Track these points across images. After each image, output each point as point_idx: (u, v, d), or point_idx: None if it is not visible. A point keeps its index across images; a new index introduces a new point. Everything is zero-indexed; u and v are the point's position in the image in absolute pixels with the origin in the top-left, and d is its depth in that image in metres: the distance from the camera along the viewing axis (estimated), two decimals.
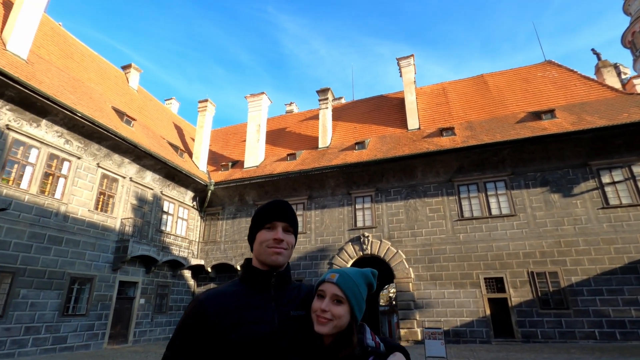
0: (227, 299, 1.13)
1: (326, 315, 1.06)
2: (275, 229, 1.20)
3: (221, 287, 1.20)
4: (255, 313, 1.12)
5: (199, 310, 1.10)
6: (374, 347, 1.07)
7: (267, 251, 1.18)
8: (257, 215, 1.25)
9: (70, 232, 12.03)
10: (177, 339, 1.10)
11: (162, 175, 16.44)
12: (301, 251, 16.57)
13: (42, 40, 14.05)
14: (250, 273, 1.21)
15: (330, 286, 1.10)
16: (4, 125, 10.60)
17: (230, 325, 1.07)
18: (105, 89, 16.54)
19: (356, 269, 1.18)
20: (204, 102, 21.47)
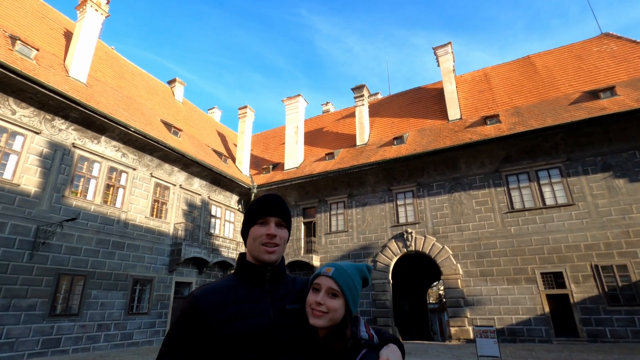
0: (222, 294, 1.12)
1: (321, 308, 1.06)
2: (268, 224, 1.19)
3: (216, 282, 1.20)
4: (251, 307, 1.12)
5: (194, 306, 1.09)
6: (367, 339, 1.08)
7: (260, 248, 1.17)
8: (249, 211, 1.24)
9: (130, 238, 13.13)
10: (173, 335, 1.09)
11: (208, 181, 17.35)
12: (344, 249, 16.62)
13: (98, 64, 15.45)
14: (245, 268, 1.21)
15: (326, 279, 1.11)
16: (71, 144, 11.84)
17: (226, 319, 1.07)
18: (154, 103, 17.80)
19: (351, 263, 1.20)
20: (244, 108, 22.28)
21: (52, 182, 11.08)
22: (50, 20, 14.71)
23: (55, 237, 10.71)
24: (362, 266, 1.21)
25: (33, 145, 10.79)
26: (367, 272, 1.21)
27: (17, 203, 10.12)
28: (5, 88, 10.21)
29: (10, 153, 10.30)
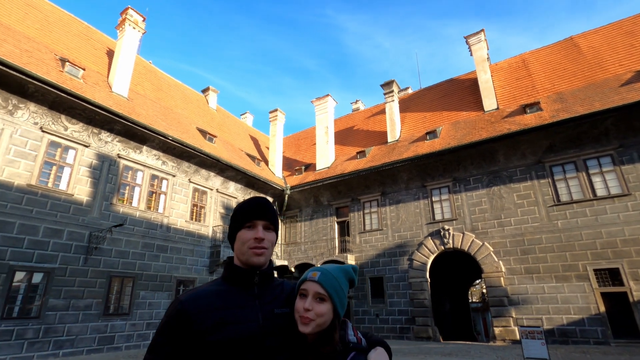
0: (210, 299, 1.10)
1: (309, 314, 1.05)
2: (255, 227, 1.18)
3: (203, 286, 1.17)
4: (239, 312, 1.10)
5: (181, 311, 1.06)
6: (355, 342, 1.08)
7: (248, 252, 1.16)
8: (236, 214, 1.22)
9: (173, 241, 13.83)
10: (159, 342, 1.05)
11: (243, 184, 17.86)
12: (379, 248, 16.43)
13: (137, 78, 16.43)
14: (233, 272, 1.18)
15: (312, 285, 1.10)
16: (116, 155, 12.69)
17: (214, 325, 1.04)
18: (189, 112, 18.63)
19: (337, 265, 1.19)
20: (274, 111, 22.70)
21: (101, 191, 11.94)
22: (94, 41, 15.86)
23: (105, 242, 11.53)
24: (348, 267, 1.20)
25: (83, 157, 11.70)
26: (353, 274, 1.20)
27: (71, 212, 11.02)
28: (58, 106, 11.15)
29: (64, 166, 11.23)
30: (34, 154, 10.51)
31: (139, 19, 15.61)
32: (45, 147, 10.82)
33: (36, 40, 12.42)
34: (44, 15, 14.11)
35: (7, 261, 9.38)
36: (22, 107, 10.45)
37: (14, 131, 10.21)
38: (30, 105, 10.60)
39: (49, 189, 10.65)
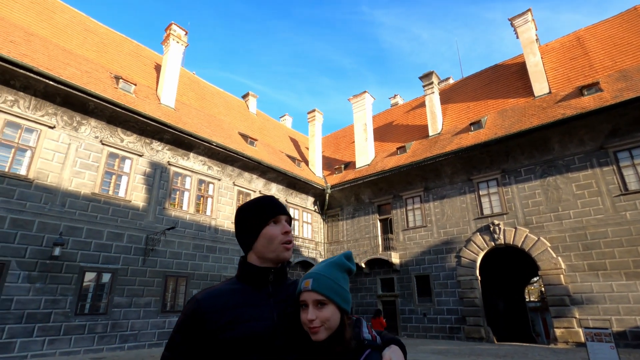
0: (225, 297, 1.11)
1: (315, 323, 1.04)
2: (280, 222, 1.20)
3: (218, 285, 1.19)
4: (254, 310, 1.11)
5: (197, 310, 1.07)
6: (370, 340, 1.06)
7: (279, 247, 1.17)
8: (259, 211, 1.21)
9: (220, 242, 14.49)
10: (176, 339, 1.07)
11: (284, 185, 18.25)
12: (424, 245, 15.95)
13: (182, 89, 17.42)
14: (248, 271, 1.19)
15: (309, 294, 1.08)
16: (166, 162, 13.56)
17: (229, 323, 1.06)
18: (231, 118, 19.39)
19: (327, 261, 1.16)
20: (312, 112, 22.90)
21: (155, 197, 12.82)
22: (144, 57, 17.07)
23: (160, 244, 12.37)
24: (340, 258, 1.16)
25: (138, 166, 12.64)
26: (347, 263, 1.16)
27: (130, 216, 11.96)
28: (115, 120, 12.15)
29: (122, 175, 12.22)
30: (96, 165, 11.55)
31: (182, 33, 16.54)
32: (105, 158, 11.85)
33: (94, 61, 13.63)
34: (100, 38, 15.45)
35: (77, 262, 10.42)
36: (85, 123, 11.53)
37: (79, 145, 11.30)
38: (91, 120, 11.67)
39: (110, 196, 11.65)
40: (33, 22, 12.82)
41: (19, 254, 9.43)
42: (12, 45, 10.51)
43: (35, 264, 9.63)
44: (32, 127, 10.42)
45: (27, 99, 10.38)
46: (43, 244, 9.85)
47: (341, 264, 1.15)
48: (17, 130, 10.12)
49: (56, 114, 10.94)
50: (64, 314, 9.86)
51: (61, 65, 11.52)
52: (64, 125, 11.06)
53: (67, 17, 14.80)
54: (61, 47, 12.83)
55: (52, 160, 10.61)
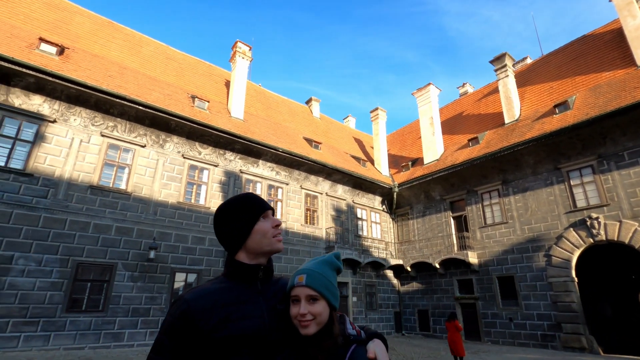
0: (214, 296, 1.10)
1: (307, 317, 1.07)
2: (269, 217, 1.24)
3: (206, 284, 1.17)
4: (245, 308, 1.10)
5: (186, 310, 1.05)
6: (355, 335, 1.11)
7: (272, 240, 1.20)
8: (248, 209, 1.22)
9: (291, 244, 15.07)
10: (164, 341, 1.05)
11: (350, 186, 18.28)
12: (505, 243, 14.58)
13: (250, 101, 18.59)
14: (237, 268, 1.18)
15: (302, 289, 1.10)
16: (238, 170, 14.58)
17: (220, 321, 1.05)
18: (295, 124, 20.09)
19: (318, 259, 1.20)
20: (375, 110, 22.59)
21: None
22: (215, 76, 18.65)
23: None
24: (331, 257, 1.21)
25: (214, 175, 13.81)
26: (337, 262, 1.21)
27: (210, 222, 13.11)
28: (193, 136, 13.47)
29: (201, 184, 13.47)
30: (180, 177, 12.92)
31: (246, 49, 17.67)
32: (187, 170, 13.19)
33: (174, 84, 15.30)
34: (178, 64, 17.29)
35: (169, 264, 11.75)
36: (169, 140, 12.99)
37: (165, 160, 12.77)
38: (174, 137, 13.10)
39: (192, 204, 12.92)
40: (125, 56, 14.88)
41: (124, 256, 10.98)
42: (110, 79, 12.34)
43: (136, 266, 11.12)
44: (128, 147, 12.09)
45: (123, 123, 12.08)
46: (141, 248, 11.32)
47: (332, 262, 1.20)
48: (117, 151, 11.84)
49: (146, 134, 12.53)
50: (160, 309, 11.19)
51: (148, 91, 13.17)
52: (152, 144, 12.60)
53: (151, 48, 16.88)
54: (147, 75, 14.66)
55: (145, 175, 12.16)
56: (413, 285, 18.03)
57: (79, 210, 10.55)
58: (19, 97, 10.37)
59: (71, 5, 15.68)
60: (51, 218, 10.07)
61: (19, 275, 9.26)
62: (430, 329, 16.65)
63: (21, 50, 10.62)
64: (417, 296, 17.66)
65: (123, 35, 16.22)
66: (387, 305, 17.69)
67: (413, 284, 18.05)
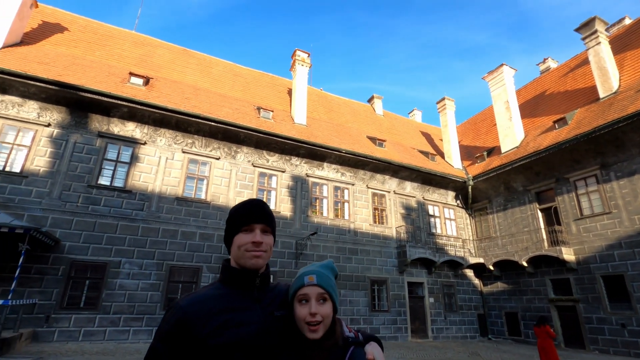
0: (210, 303, 1.09)
1: (317, 318, 1.07)
2: (253, 231, 1.17)
3: (202, 290, 1.16)
4: (241, 315, 1.09)
5: (182, 317, 1.04)
6: (353, 337, 1.14)
7: (245, 255, 1.15)
8: (232, 218, 1.20)
9: (361, 244, 15.01)
10: (159, 348, 1.03)
11: (419, 182, 17.55)
12: (610, 237, 12.57)
13: (312, 106, 19.03)
14: (232, 275, 1.17)
15: (313, 288, 1.11)
16: (305, 174, 15.02)
17: (216, 328, 1.04)
18: (358, 124, 19.99)
19: (317, 264, 1.21)
20: (441, 101, 21.37)
21: (299, 206, 14.35)
22: (278, 86, 19.53)
23: (307, 248, 13.72)
24: (330, 262, 1.26)
25: (282, 181, 14.44)
26: (335, 268, 1.26)
27: (281, 225, 13.73)
28: (260, 145, 14.28)
29: (271, 190, 14.19)
30: (251, 184, 13.79)
31: (305, 55, 18.17)
32: (257, 178, 14.02)
33: (241, 99, 16.41)
34: (244, 79, 18.51)
35: None
36: (239, 151, 13.97)
37: (237, 170, 13.75)
38: (243, 148, 14.04)
39: None
40: (198, 78, 16.43)
41: (207, 260, 12.09)
42: (187, 100, 13.73)
43: (218, 268, 12.14)
44: (205, 160, 13.30)
45: (199, 139, 13.34)
46: (222, 252, 12.34)
47: (332, 267, 1.24)
48: (196, 165, 13.11)
49: (219, 147, 13.64)
50: None
51: (219, 108, 14.34)
52: (225, 156, 13.68)
53: (220, 68, 18.36)
54: (218, 93, 15.97)
55: (221, 185, 13.24)
56: (497, 285, 16.55)
57: (169, 220, 11.92)
58: (117, 126, 12.14)
59: (154, 40, 17.86)
60: (147, 227, 11.55)
61: (125, 277, 10.81)
62: (521, 334, 15.09)
63: (116, 85, 12.43)
64: (503, 297, 16.16)
65: (196, 60, 17.93)
66: (469, 307, 16.51)
67: (497, 284, 16.56)
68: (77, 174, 11.16)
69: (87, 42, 14.91)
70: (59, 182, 10.84)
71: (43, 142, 11.04)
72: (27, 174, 10.53)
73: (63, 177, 10.93)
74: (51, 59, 12.52)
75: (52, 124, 11.27)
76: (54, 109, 11.39)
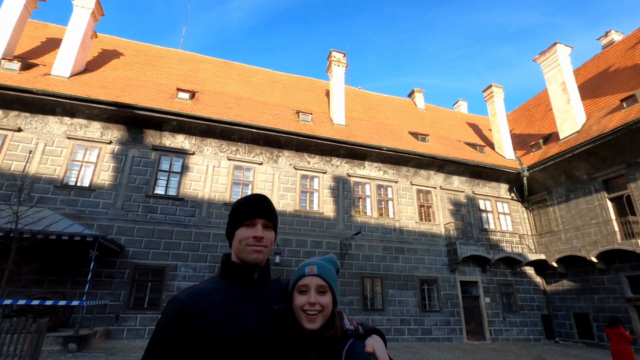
0: (210, 297, 1.11)
1: (315, 307, 1.08)
2: (254, 226, 1.18)
3: (201, 284, 1.18)
4: (240, 309, 1.10)
5: (181, 311, 1.06)
6: (353, 330, 1.13)
7: (246, 249, 1.16)
8: (234, 212, 1.22)
9: (407, 243, 14.61)
10: (158, 340, 1.05)
11: (467, 176, 16.68)
12: None
13: (350, 105, 18.95)
14: (232, 269, 1.19)
15: (313, 279, 1.13)
16: (346, 174, 14.99)
17: (215, 322, 1.05)
18: (399, 120, 19.52)
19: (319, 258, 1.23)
20: (488, 89, 20.15)
21: (341, 207, 14.35)
22: (316, 88, 19.73)
23: (352, 248, 13.66)
24: (332, 257, 1.27)
25: (324, 182, 14.54)
26: (337, 262, 1.26)
27: (325, 226, 13.82)
28: (300, 147, 14.51)
29: (313, 192, 14.35)
30: (294, 187, 14.06)
31: (340, 56, 18.17)
32: (299, 180, 14.26)
33: (280, 104, 16.82)
34: (283, 85, 18.96)
35: (293, 267, 12.83)
36: (281, 155, 14.31)
37: (280, 174, 14.10)
38: (285, 152, 14.37)
39: (307, 211, 13.86)
40: (239, 88, 17.14)
41: None
42: (229, 110, 14.38)
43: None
44: (249, 166, 13.81)
45: (243, 146, 13.89)
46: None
47: (333, 261, 1.25)
48: (240, 171, 13.66)
49: (262, 153, 14.09)
50: None
51: (259, 115, 14.83)
52: (267, 160, 14.10)
53: (260, 76, 18.99)
54: (258, 101, 16.52)
55: (265, 189, 13.66)
56: (563, 283, 15.18)
57: (218, 225, 12.54)
58: (168, 139, 13.06)
59: (197, 56, 18.97)
60: (199, 232, 12.27)
61: (182, 280, 11.56)
62: (593, 337, 13.68)
63: (165, 101, 13.38)
64: (571, 297, 14.77)
65: (237, 70, 18.73)
66: (531, 307, 15.32)
67: (563, 282, 15.19)
68: (136, 185, 12.18)
69: (139, 64, 16.24)
70: (121, 193, 11.91)
71: (106, 158, 12.21)
72: (94, 188, 11.71)
73: (124, 189, 11.99)
74: (110, 82, 13.82)
75: (113, 141, 12.42)
76: (114, 128, 12.55)
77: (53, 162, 11.65)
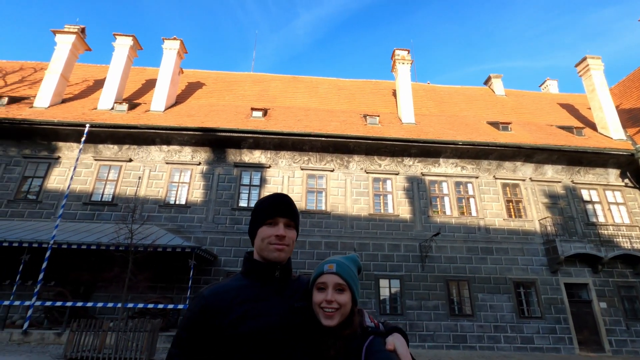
0: (233, 293, 1.13)
1: (332, 305, 1.09)
2: (276, 225, 1.20)
3: (224, 281, 1.21)
4: (262, 306, 1.12)
5: (205, 306, 1.09)
6: (373, 327, 1.13)
7: (268, 248, 1.18)
8: (257, 211, 1.25)
9: (495, 242, 13.41)
10: (183, 336, 1.09)
11: (563, 164, 14.72)
12: None
13: (419, 102, 18.27)
14: (254, 267, 1.21)
15: (331, 277, 1.14)
16: (420, 174, 14.45)
17: (238, 319, 1.07)
18: (475, 110, 18.16)
19: (341, 256, 1.22)
20: (582, 62, 17.55)
21: (418, 207, 13.85)
22: (382, 90, 19.51)
23: (433, 250, 13.05)
24: (355, 257, 1.26)
25: (397, 183, 14.23)
26: (359, 262, 1.26)
27: (401, 229, 13.49)
28: (370, 151, 14.46)
29: (386, 194, 14.13)
30: (366, 191, 14.04)
31: (404, 53, 17.71)
32: (371, 184, 14.19)
33: (347, 110, 17.03)
34: (348, 91, 19.18)
35: (372, 272, 12.76)
36: (351, 160, 14.45)
37: (351, 179, 14.23)
38: (354, 157, 14.47)
39: (382, 214, 13.70)
40: (307, 100, 17.84)
41: None
42: (299, 122, 15.06)
43: None
44: (321, 174, 14.23)
45: (314, 155, 14.39)
46: None
47: (356, 260, 1.25)
48: (313, 179, 14.15)
49: (332, 160, 14.41)
50: (372, 314, 12.20)
51: (327, 123, 15.22)
52: (338, 167, 14.36)
53: (325, 86, 19.52)
54: (326, 110, 16.98)
55: (338, 195, 13.91)
56: None
57: None
58: (246, 155, 14.21)
59: (268, 76, 20.33)
60: None
61: None
62: None
63: (242, 121, 14.60)
64: None
65: (303, 84, 19.55)
66: None
67: None
68: (223, 200, 13.48)
69: (218, 91, 18.04)
70: (211, 208, 13.29)
71: (197, 177, 13.77)
72: (189, 204, 13.28)
73: (214, 204, 13.36)
74: (195, 110, 15.62)
75: (201, 162, 13.97)
76: (201, 150, 14.11)
77: (157, 185, 13.56)
